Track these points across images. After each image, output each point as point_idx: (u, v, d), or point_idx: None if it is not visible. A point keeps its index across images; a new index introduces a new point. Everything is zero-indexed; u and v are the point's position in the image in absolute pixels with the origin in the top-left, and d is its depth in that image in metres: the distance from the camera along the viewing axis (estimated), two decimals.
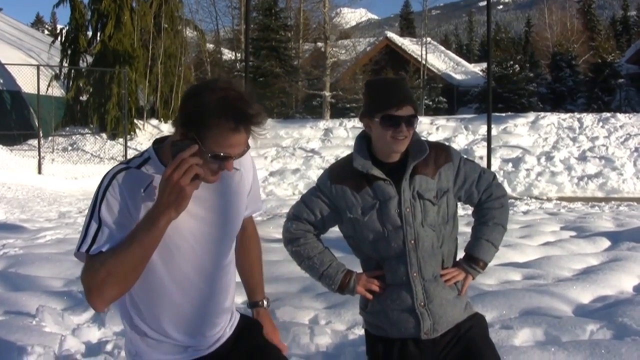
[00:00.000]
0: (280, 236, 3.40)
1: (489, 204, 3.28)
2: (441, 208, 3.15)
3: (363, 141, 3.23)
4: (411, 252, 3.11)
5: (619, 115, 25.50)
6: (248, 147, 2.52)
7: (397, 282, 3.16)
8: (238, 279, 3.17)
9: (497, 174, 3.32)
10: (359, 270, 3.34)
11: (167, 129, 27.12)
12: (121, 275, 2.32)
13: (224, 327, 2.88)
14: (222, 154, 2.39)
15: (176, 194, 2.32)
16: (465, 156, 3.33)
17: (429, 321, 3.13)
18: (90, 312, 6.56)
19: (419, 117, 3.16)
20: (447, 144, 3.32)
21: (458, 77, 48.31)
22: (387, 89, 3.17)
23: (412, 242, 3.10)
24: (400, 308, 3.17)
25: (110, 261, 2.30)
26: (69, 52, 28.20)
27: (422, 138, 3.27)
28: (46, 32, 63.98)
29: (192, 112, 2.36)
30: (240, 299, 7.23)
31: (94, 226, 2.37)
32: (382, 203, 3.13)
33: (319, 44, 36.90)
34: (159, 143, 2.61)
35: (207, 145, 2.35)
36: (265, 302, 3.28)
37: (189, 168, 2.31)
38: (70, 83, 27.45)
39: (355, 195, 3.17)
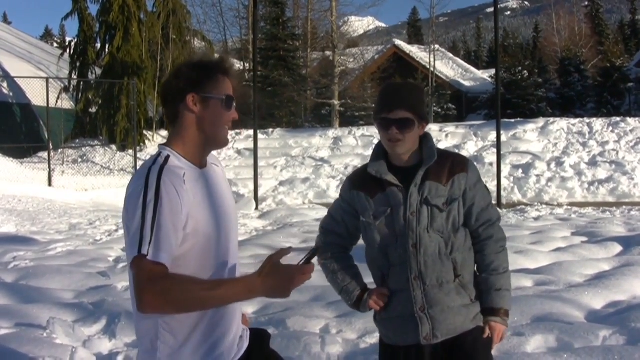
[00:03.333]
0: (290, 245, 3.44)
1: (491, 248, 3.28)
2: (451, 215, 3.19)
3: (381, 147, 3.33)
4: (412, 256, 3.17)
5: (629, 119, 25.37)
6: None
7: (399, 288, 3.23)
8: None
9: (508, 180, 3.29)
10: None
11: None
12: (189, 308, 2.50)
13: (240, 334, 2.91)
14: (229, 94, 2.77)
15: (292, 286, 2.61)
16: (484, 182, 3.37)
17: (427, 326, 3.18)
18: (101, 324, 6.58)
19: (415, 121, 3.18)
20: (468, 158, 3.35)
21: (467, 83, 48.27)
22: (385, 94, 3.29)
23: (414, 246, 3.16)
24: (401, 314, 3.24)
25: (188, 295, 2.43)
26: (78, 64, 28.27)
27: (438, 146, 3.34)
28: (55, 44, 64.35)
29: (191, 79, 2.70)
30: (250, 309, 7.23)
31: (149, 228, 2.44)
32: (394, 208, 3.20)
33: (327, 53, 36.89)
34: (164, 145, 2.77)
35: (215, 91, 2.73)
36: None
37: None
38: (80, 95, 27.52)
39: (369, 200, 3.26)
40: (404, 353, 3.26)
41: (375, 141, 16.77)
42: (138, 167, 18.54)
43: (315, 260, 2.67)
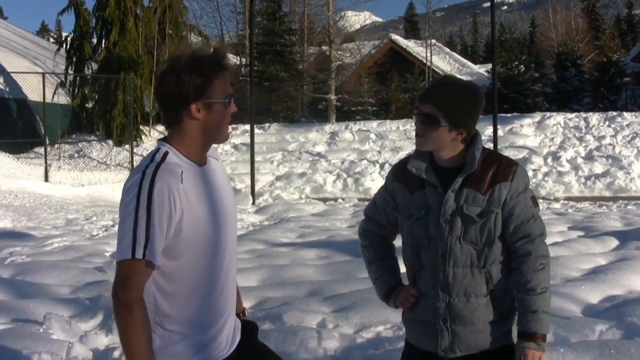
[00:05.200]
0: (287, 240, 3.40)
1: (529, 265, 2.99)
2: (486, 226, 2.98)
3: None
4: (440, 266, 3.02)
5: (625, 114, 25.42)
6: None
7: (427, 293, 3.11)
8: None
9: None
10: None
11: None
12: (122, 335, 2.53)
13: (234, 327, 2.94)
14: (230, 93, 2.74)
15: None
16: (532, 193, 3.11)
17: (447, 339, 3.05)
18: (98, 319, 6.58)
19: (442, 121, 2.97)
20: (519, 165, 3.07)
21: (463, 78, 47.96)
22: (429, 84, 3.16)
23: (442, 256, 3.01)
24: (424, 319, 3.13)
25: (134, 330, 2.50)
26: (74, 59, 28.18)
27: (491, 150, 3.17)
28: (51, 39, 64.15)
29: (195, 88, 2.64)
30: (247, 303, 7.23)
31: (142, 230, 2.49)
32: (429, 210, 3.05)
33: (324, 48, 36.84)
34: (163, 141, 2.77)
35: (218, 94, 2.69)
36: (245, 312, 3.33)
37: None
38: (76, 90, 27.44)
39: (409, 197, 3.13)
40: (422, 357, 3.17)
41: (372, 136, 16.80)
42: (135, 162, 18.51)
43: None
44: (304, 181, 21.66)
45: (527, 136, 24.16)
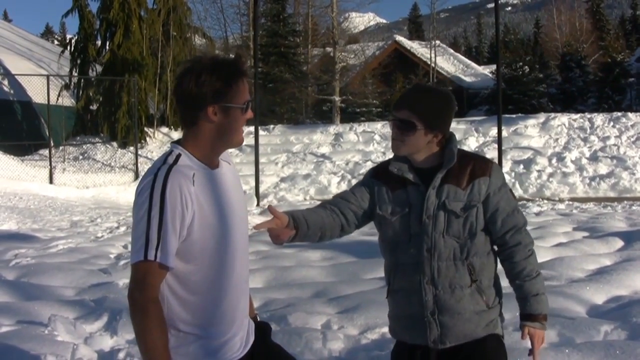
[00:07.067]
0: (290, 243, 3.36)
1: (520, 254, 3.17)
2: (468, 221, 3.12)
3: None
4: (425, 261, 3.11)
5: (630, 114, 25.34)
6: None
7: (410, 288, 3.18)
8: None
9: (509, 176, 3.17)
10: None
11: (177, 136, 27.04)
12: (138, 335, 2.56)
13: (248, 328, 2.96)
14: (248, 99, 2.75)
15: None
16: (509, 186, 3.27)
17: (436, 331, 3.14)
18: (103, 321, 6.58)
19: (419, 125, 3.09)
20: (494, 161, 3.24)
21: (467, 79, 48.19)
22: (404, 92, 3.30)
23: (428, 251, 3.11)
24: (410, 314, 3.21)
25: (150, 332, 2.53)
26: (79, 61, 28.23)
27: (465, 149, 3.26)
28: (56, 42, 64.31)
29: (214, 90, 2.65)
30: (255, 303, 7.23)
31: (155, 232, 2.52)
32: (411, 208, 3.16)
33: (328, 49, 36.84)
34: (177, 143, 2.79)
35: (236, 99, 2.70)
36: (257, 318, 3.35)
37: None
38: (80, 92, 27.46)
39: (390, 195, 3.23)
40: (409, 352, 3.25)
41: (377, 137, 16.83)
42: (139, 164, 18.39)
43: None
44: (308, 182, 21.66)
45: (532, 137, 24.11)
